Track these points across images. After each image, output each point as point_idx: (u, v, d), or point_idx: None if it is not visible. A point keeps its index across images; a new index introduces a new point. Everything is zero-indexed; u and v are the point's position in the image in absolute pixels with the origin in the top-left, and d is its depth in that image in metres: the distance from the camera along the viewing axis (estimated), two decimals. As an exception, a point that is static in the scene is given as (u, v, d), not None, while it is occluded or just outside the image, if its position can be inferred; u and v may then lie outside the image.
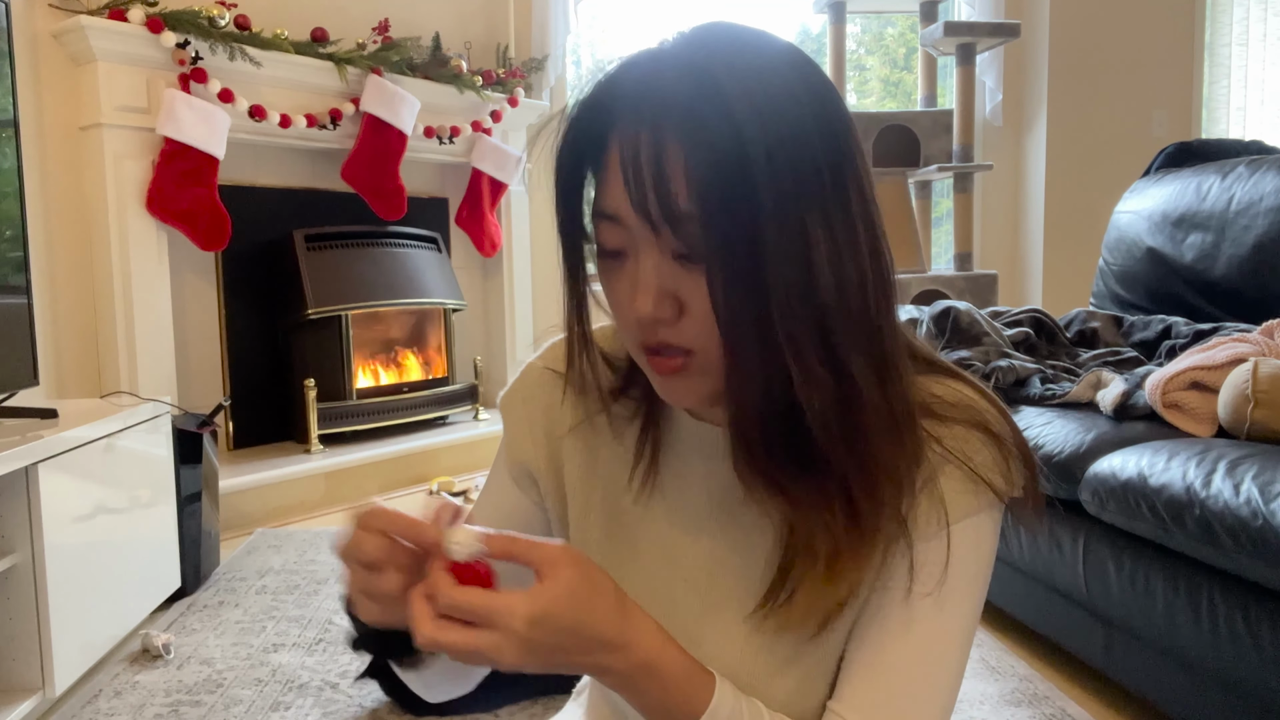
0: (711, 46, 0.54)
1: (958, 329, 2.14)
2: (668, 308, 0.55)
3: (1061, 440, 1.69)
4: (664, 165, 0.52)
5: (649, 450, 0.68)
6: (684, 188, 0.52)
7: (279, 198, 3.26)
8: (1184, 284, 2.34)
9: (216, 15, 2.74)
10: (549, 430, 0.72)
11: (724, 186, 0.51)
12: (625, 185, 0.53)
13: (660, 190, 0.52)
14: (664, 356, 0.57)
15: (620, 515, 0.69)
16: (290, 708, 1.67)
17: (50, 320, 2.59)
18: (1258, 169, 2.21)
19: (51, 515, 1.60)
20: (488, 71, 3.66)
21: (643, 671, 0.55)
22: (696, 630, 0.65)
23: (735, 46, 0.54)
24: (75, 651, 1.68)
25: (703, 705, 0.56)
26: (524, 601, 0.51)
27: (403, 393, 3.44)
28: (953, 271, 3.81)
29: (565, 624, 0.52)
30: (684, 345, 0.56)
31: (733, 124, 0.51)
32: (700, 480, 0.67)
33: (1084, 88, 4.37)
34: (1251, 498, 1.25)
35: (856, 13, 4.68)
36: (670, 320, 0.55)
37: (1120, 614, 1.52)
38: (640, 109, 0.53)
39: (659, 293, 0.55)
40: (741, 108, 0.51)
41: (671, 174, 0.52)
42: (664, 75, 0.54)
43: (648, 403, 0.69)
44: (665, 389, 0.59)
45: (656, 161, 0.52)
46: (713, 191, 0.51)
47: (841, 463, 0.56)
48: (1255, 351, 1.65)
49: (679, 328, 0.56)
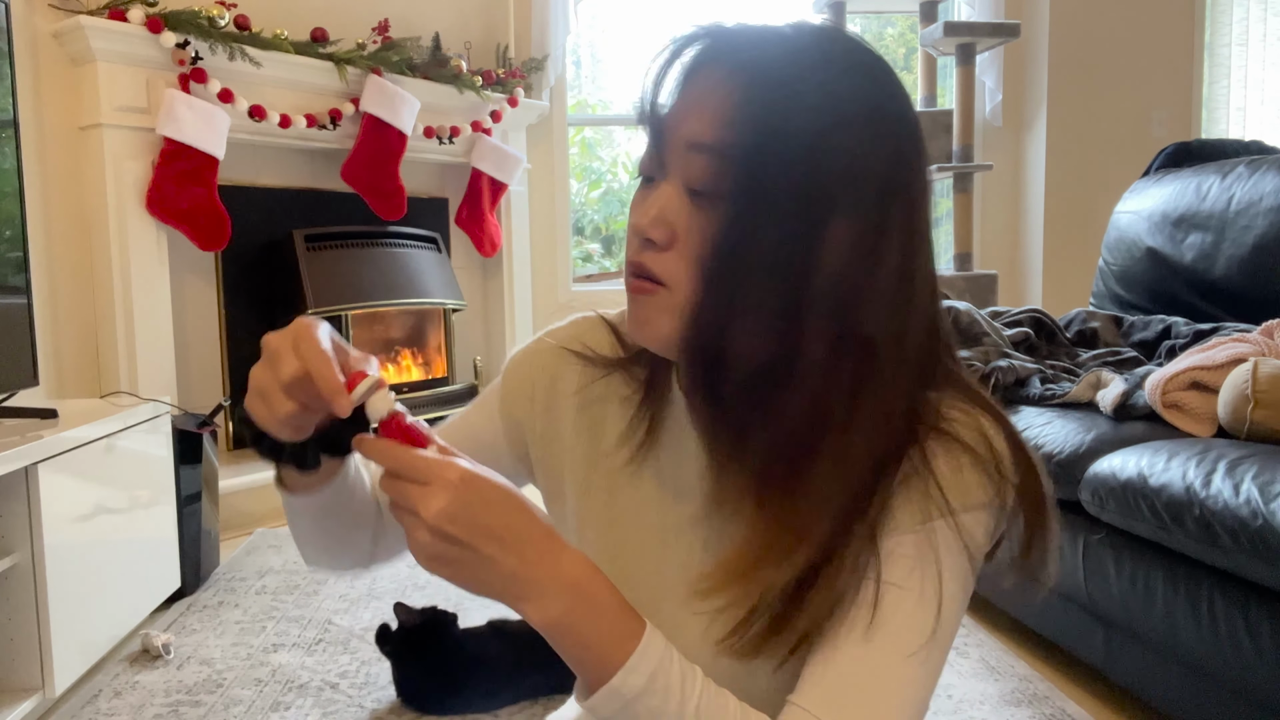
0: (804, 23, 0.58)
1: (958, 329, 2.14)
2: (661, 233, 0.57)
3: (1061, 440, 1.69)
4: (714, 98, 0.55)
5: (645, 425, 0.69)
6: (734, 125, 0.54)
7: (279, 198, 3.26)
8: (1184, 284, 2.34)
9: (216, 15, 2.74)
10: (549, 405, 0.73)
11: (777, 131, 0.53)
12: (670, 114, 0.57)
13: (701, 119, 0.55)
14: (640, 280, 0.59)
15: (618, 493, 0.69)
16: (290, 708, 1.67)
17: (50, 320, 2.59)
18: (1258, 169, 2.21)
19: (51, 515, 1.60)
20: (488, 71, 3.66)
21: (570, 592, 0.53)
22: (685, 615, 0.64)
23: (822, 29, 0.58)
24: (75, 651, 1.68)
25: (629, 649, 0.53)
26: (463, 464, 0.53)
27: (403, 393, 3.44)
28: (953, 271, 3.81)
29: (495, 499, 0.53)
30: (659, 276, 0.58)
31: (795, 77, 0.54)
32: (693, 459, 0.67)
33: (1084, 88, 4.37)
34: (1251, 498, 1.25)
35: (856, 13, 4.67)
36: (661, 247, 0.57)
37: (1120, 614, 1.52)
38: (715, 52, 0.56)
39: (658, 215, 0.57)
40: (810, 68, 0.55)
41: (721, 108, 0.54)
42: (745, 28, 0.57)
43: (651, 376, 0.70)
44: (632, 313, 0.61)
45: (708, 95, 0.55)
46: (762, 131, 0.53)
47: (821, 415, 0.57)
48: (1255, 351, 1.65)
49: (662, 258, 0.57)
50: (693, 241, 0.56)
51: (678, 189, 0.57)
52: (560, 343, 0.74)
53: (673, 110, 0.57)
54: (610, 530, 0.69)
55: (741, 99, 0.54)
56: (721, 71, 0.55)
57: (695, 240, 0.56)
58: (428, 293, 3.45)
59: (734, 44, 0.57)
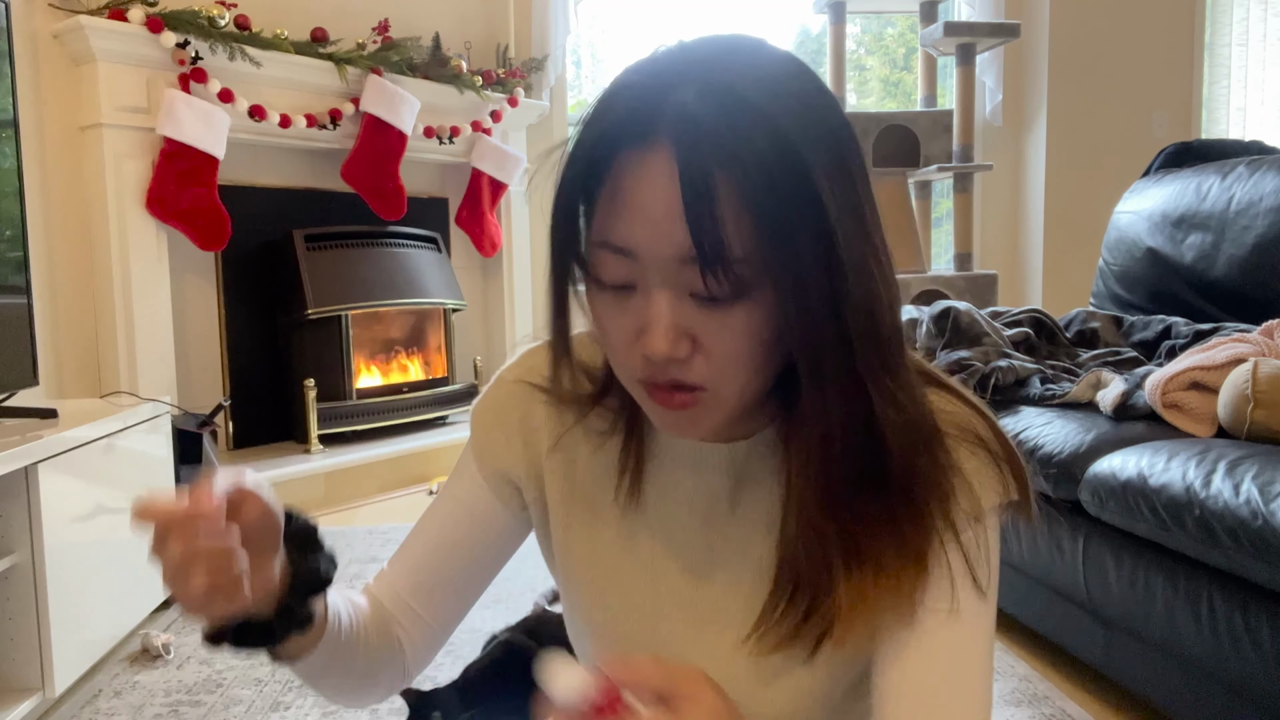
0: (730, 62, 0.50)
1: (958, 329, 2.14)
2: (684, 348, 0.52)
3: (1061, 440, 1.69)
4: (719, 202, 0.47)
5: (632, 463, 0.66)
6: (745, 222, 0.48)
7: (279, 198, 3.26)
8: (1184, 284, 2.34)
9: (216, 15, 2.74)
10: (526, 440, 0.69)
11: (789, 213, 0.48)
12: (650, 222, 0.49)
13: (721, 230, 0.47)
14: (673, 393, 0.54)
15: (604, 529, 0.67)
16: (290, 708, 1.67)
17: (50, 320, 2.59)
18: (1258, 169, 2.21)
19: (51, 515, 1.60)
20: (488, 71, 3.66)
21: None
22: (682, 644, 0.64)
23: (753, 59, 0.50)
24: (75, 651, 1.68)
25: None
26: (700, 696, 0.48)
27: (403, 393, 3.44)
28: (953, 271, 3.81)
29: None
30: (696, 383, 0.53)
31: (784, 146, 0.48)
32: (686, 493, 0.65)
33: (1084, 88, 4.37)
34: (1251, 498, 1.25)
35: (856, 13, 4.67)
36: (684, 359, 0.52)
37: (1120, 614, 1.52)
38: (677, 138, 0.48)
39: (675, 332, 0.51)
40: (786, 123, 0.48)
41: (728, 211, 0.47)
42: (692, 98, 0.48)
43: (628, 414, 0.66)
44: (669, 423, 0.56)
45: (712, 198, 0.47)
46: (777, 221, 0.48)
47: (909, 479, 0.55)
48: (1255, 351, 1.65)
49: (690, 365, 0.53)
50: (717, 340, 0.52)
51: (678, 296, 0.51)
52: (520, 378, 0.70)
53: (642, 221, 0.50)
54: (599, 566, 0.68)
55: (745, 188, 0.47)
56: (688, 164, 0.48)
57: (720, 338, 0.52)
58: (428, 293, 3.46)
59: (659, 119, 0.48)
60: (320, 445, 3.13)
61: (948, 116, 3.85)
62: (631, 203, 0.50)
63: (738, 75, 0.49)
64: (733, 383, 0.53)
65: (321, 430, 3.14)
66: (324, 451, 3.12)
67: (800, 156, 0.48)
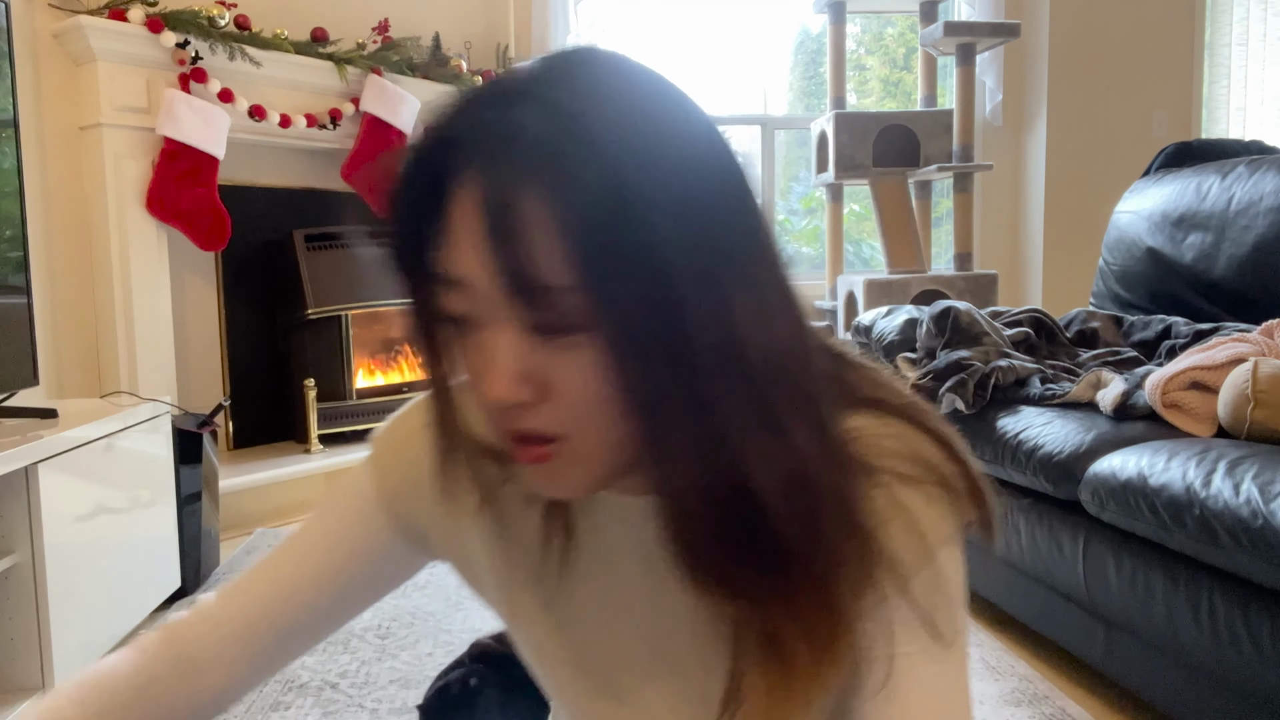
0: (570, 79, 0.46)
1: (958, 329, 2.14)
2: (529, 391, 0.47)
3: (1061, 440, 1.69)
4: (528, 225, 0.43)
5: (560, 528, 0.60)
6: (558, 250, 0.43)
7: (279, 198, 3.26)
8: (1184, 284, 2.34)
9: (216, 15, 2.74)
10: (442, 495, 0.62)
11: (611, 244, 0.43)
12: (471, 249, 0.45)
13: (526, 255, 0.43)
14: (528, 445, 0.49)
15: (545, 595, 0.62)
16: (290, 708, 1.67)
17: (50, 320, 2.59)
18: (1258, 169, 2.21)
19: (51, 515, 1.60)
20: (488, 71, 3.66)
21: None
22: (640, 704, 0.61)
23: (597, 77, 0.46)
24: (75, 651, 1.68)
25: None
26: None
27: (403, 393, 3.44)
28: (953, 271, 3.81)
29: None
30: (550, 432, 0.48)
31: (609, 169, 0.43)
32: (625, 552, 0.60)
33: (1084, 88, 4.37)
34: (1251, 498, 1.25)
35: (856, 13, 4.67)
36: (533, 404, 0.47)
37: (1120, 614, 1.52)
38: (490, 156, 0.44)
39: (517, 375, 0.46)
40: (616, 150, 0.43)
41: (539, 236, 0.43)
42: (516, 116, 0.44)
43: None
44: (536, 480, 0.51)
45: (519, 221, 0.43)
46: (597, 251, 0.43)
47: (803, 543, 0.48)
48: (1255, 351, 1.65)
49: (541, 411, 0.47)
50: (567, 381, 0.47)
51: (521, 333, 0.46)
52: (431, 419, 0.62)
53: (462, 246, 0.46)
54: (544, 627, 0.64)
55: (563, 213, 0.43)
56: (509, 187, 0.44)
57: (570, 379, 0.46)
58: (428, 293, 3.45)
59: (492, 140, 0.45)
60: (320, 445, 3.13)
61: (948, 116, 3.85)
62: (451, 226, 0.46)
63: (568, 91, 0.45)
64: (592, 430, 0.48)
65: (321, 430, 3.15)
66: (324, 451, 3.12)
67: (624, 179, 0.43)
